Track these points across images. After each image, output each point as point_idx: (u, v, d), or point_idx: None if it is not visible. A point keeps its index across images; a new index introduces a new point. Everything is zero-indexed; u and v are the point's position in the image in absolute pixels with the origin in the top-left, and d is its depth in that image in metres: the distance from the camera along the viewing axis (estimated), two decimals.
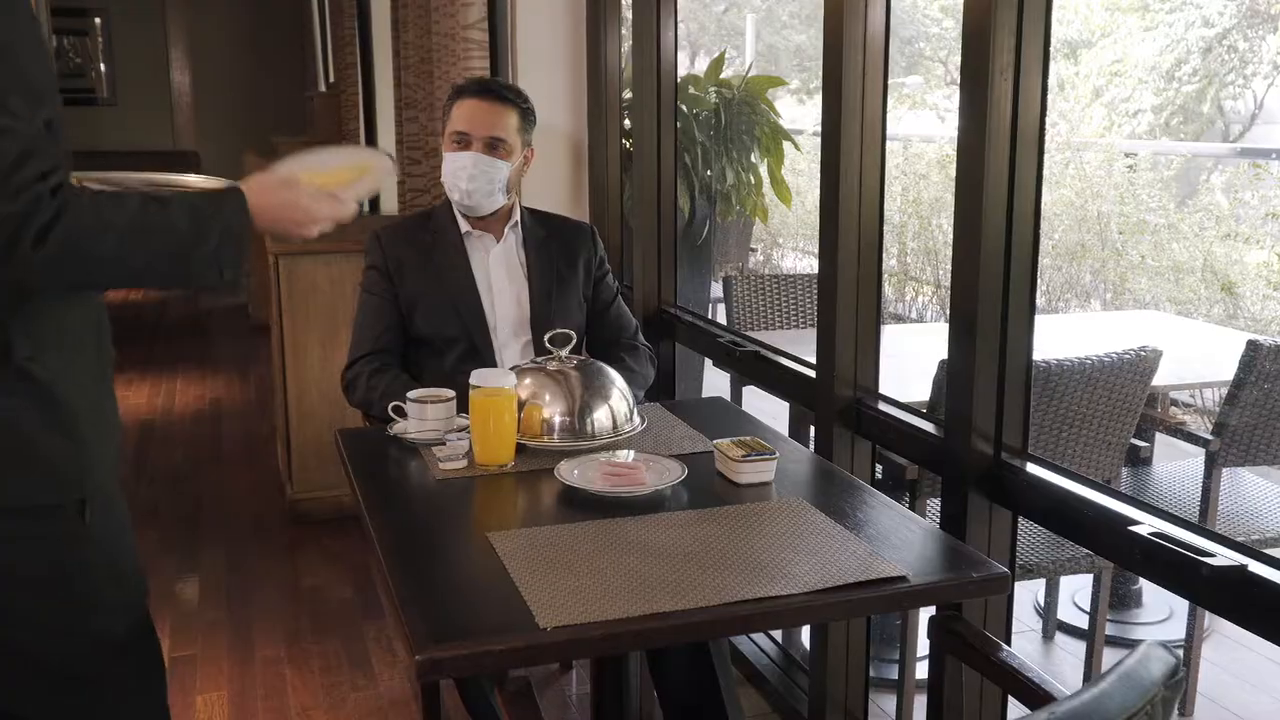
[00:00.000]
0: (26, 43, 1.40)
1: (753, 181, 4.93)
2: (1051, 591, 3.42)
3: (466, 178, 2.52)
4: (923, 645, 2.28)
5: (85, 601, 1.52)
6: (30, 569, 1.48)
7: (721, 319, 4.28)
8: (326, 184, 1.65)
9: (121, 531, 1.59)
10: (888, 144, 2.39)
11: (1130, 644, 1.41)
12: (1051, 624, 3.42)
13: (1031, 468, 2.00)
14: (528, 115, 2.59)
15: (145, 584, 1.64)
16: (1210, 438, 3.03)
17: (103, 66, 10.34)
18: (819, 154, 2.42)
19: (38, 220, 1.33)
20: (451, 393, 2.18)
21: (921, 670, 2.69)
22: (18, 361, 1.45)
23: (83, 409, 1.51)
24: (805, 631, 3.06)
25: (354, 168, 1.73)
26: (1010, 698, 2.07)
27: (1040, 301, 7.74)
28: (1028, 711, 1.71)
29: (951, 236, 2.03)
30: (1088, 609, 3.13)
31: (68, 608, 1.51)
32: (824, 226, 2.42)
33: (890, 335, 4.29)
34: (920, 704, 2.68)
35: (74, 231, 1.36)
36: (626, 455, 2.02)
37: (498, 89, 2.57)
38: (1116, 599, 3.44)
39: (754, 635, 3.08)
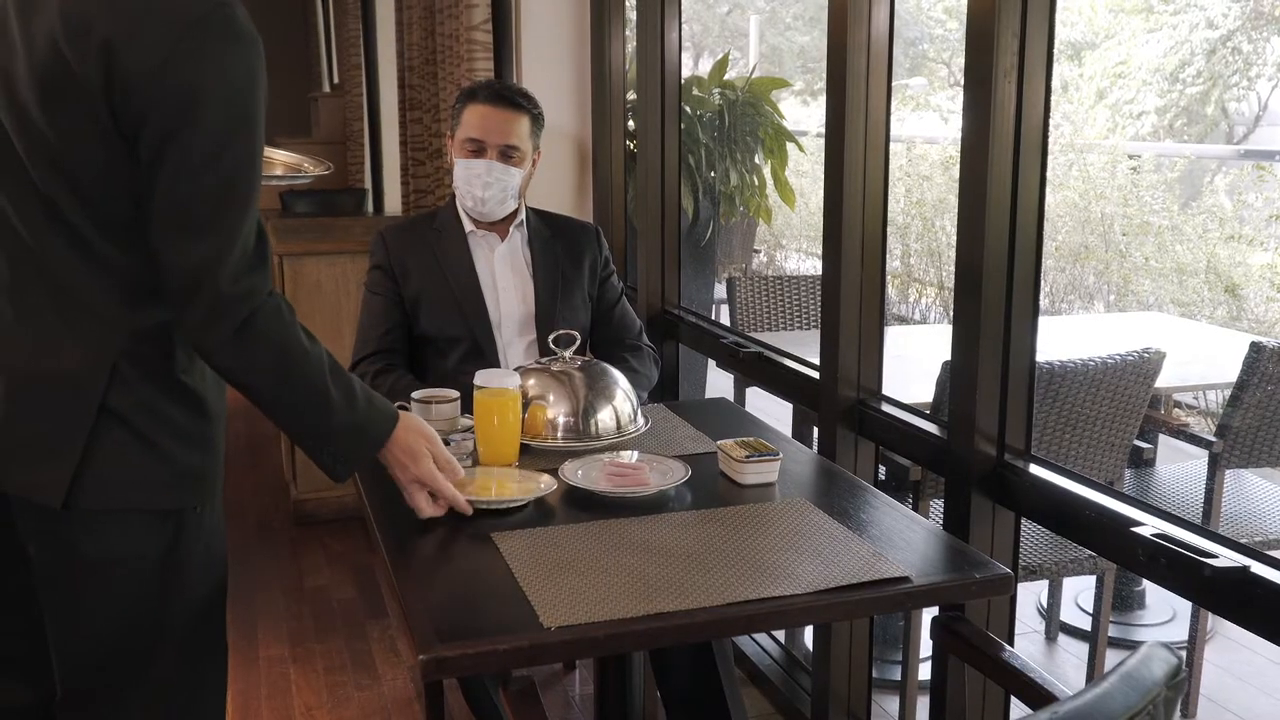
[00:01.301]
0: (264, 95, 1.48)
1: (756, 183, 4.93)
2: (1054, 593, 3.42)
3: (481, 185, 2.52)
4: (925, 646, 2.29)
5: (179, 583, 1.58)
6: (140, 556, 1.53)
7: (725, 320, 4.28)
8: (471, 486, 1.81)
9: (220, 521, 1.65)
10: (892, 145, 2.40)
11: (1133, 645, 1.41)
12: (1054, 625, 3.42)
13: (1034, 469, 2.01)
14: (538, 120, 2.59)
15: (226, 566, 1.71)
16: (1213, 439, 3.04)
17: None
18: (823, 155, 2.42)
19: (244, 311, 1.45)
20: (456, 393, 2.19)
21: (924, 671, 2.69)
22: (178, 373, 1.52)
23: (218, 417, 1.59)
24: (808, 632, 3.06)
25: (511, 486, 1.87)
26: (1013, 699, 2.08)
27: (1044, 303, 7.72)
28: (1030, 712, 1.71)
29: (955, 238, 2.04)
30: (1091, 610, 3.13)
31: (163, 588, 1.56)
32: (828, 227, 2.43)
33: (894, 336, 4.30)
34: (923, 705, 2.68)
35: (265, 342, 1.48)
36: (630, 456, 2.03)
37: (511, 95, 2.57)
38: (1119, 600, 3.44)
39: (757, 635, 3.08)
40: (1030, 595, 3.58)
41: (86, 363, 1.46)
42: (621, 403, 2.17)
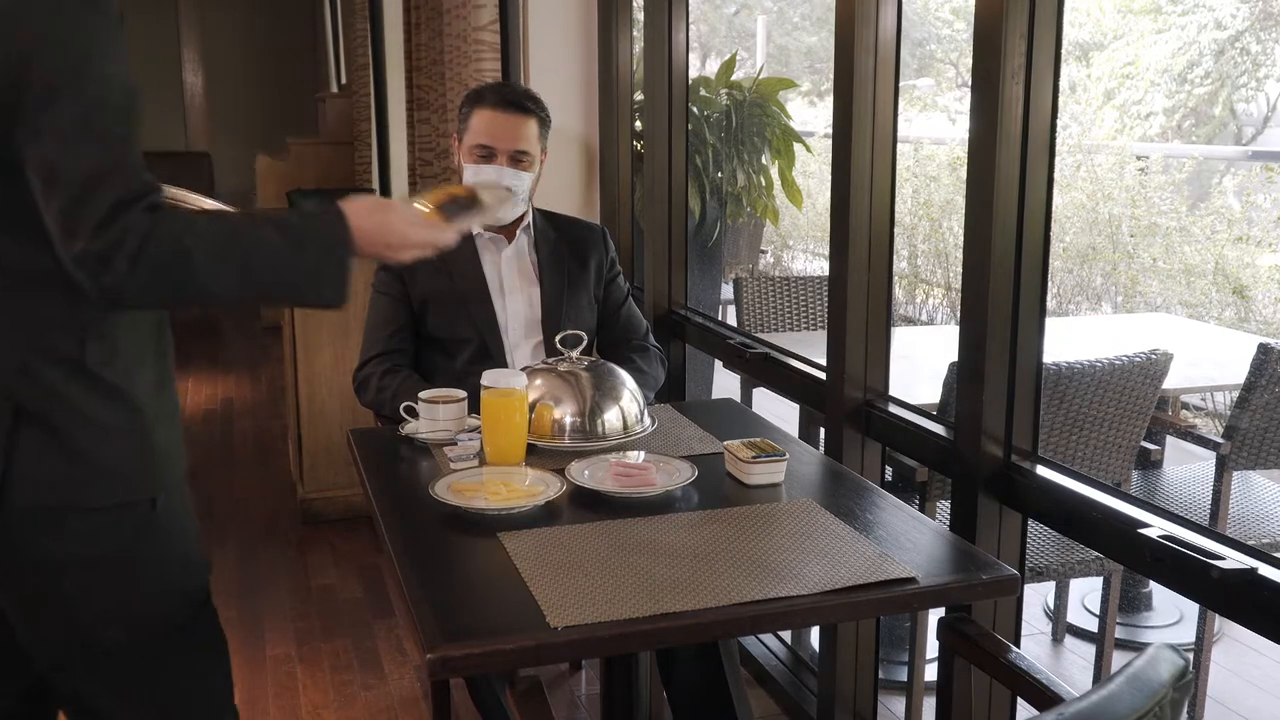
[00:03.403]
0: (114, 46, 1.41)
1: (763, 183, 4.92)
2: (1061, 594, 3.42)
3: None
4: (932, 647, 2.29)
5: (153, 588, 1.56)
6: (103, 560, 1.51)
7: (732, 320, 4.28)
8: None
9: (188, 521, 1.62)
10: (899, 146, 2.40)
11: (1140, 647, 1.41)
12: (1061, 627, 3.42)
13: (1041, 470, 2.01)
14: (545, 122, 2.59)
15: (208, 567, 1.68)
16: (1221, 441, 3.03)
17: None
18: (830, 156, 2.42)
19: (127, 249, 1.34)
20: (463, 393, 2.19)
21: (931, 672, 2.69)
22: (91, 366, 1.47)
23: (150, 409, 1.53)
24: (814, 632, 3.06)
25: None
26: (1019, 700, 2.08)
27: (1051, 304, 7.75)
28: (1037, 713, 1.71)
29: (962, 239, 2.04)
30: (1097, 612, 3.12)
31: (136, 594, 1.54)
32: (834, 228, 2.43)
33: (901, 337, 4.30)
34: (929, 706, 2.68)
35: (164, 255, 1.37)
36: (637, 456, 2.03)
37: (519, 100, 2.56)
38: (1126, 602, 3.44)
39: (763, 636, 3.08)
40: (1037, 597, 3.58)
41: None
42: (628, 403, 2.17)
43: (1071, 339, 4.04)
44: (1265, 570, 1.57)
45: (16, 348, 1.44)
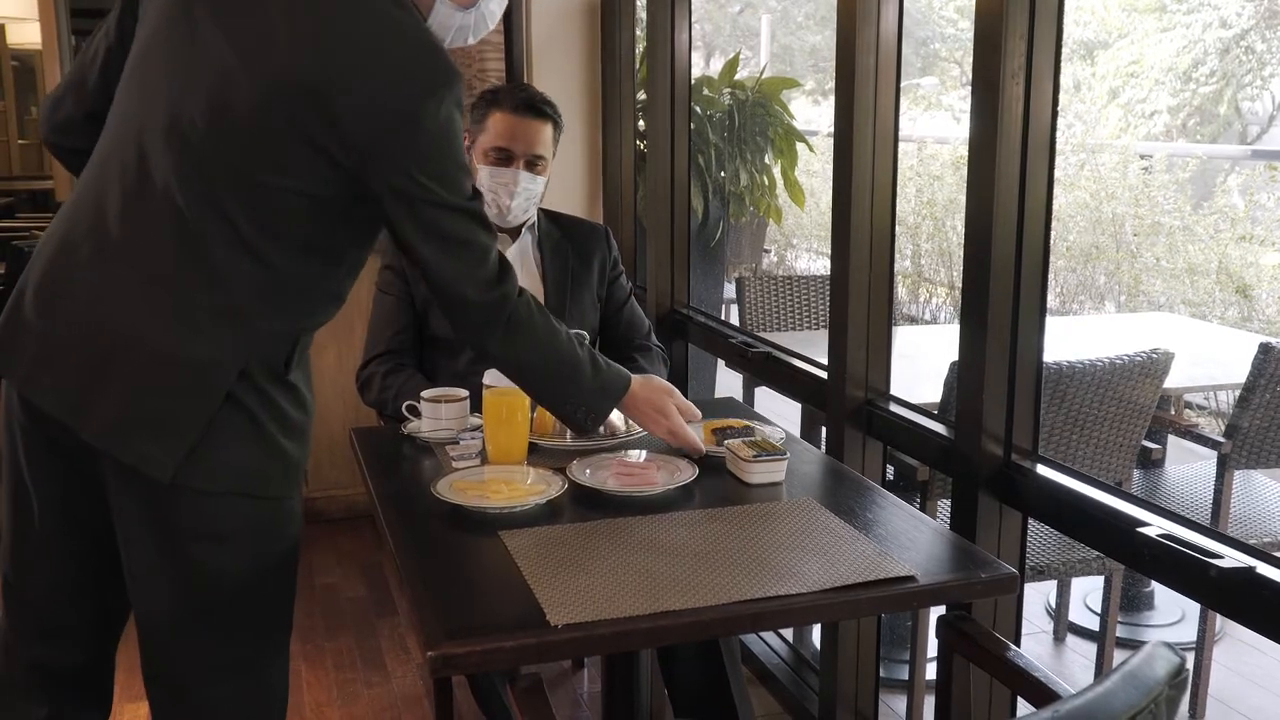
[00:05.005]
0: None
1: (766, 183, 4.93)
2: (1062, 593, 3.42)
3: (509, 194, 2.53)
4: (933, 646, 2.29)
5: (263, 562, 1.70)
6: (231, 534, 1.64)
7: (734, 320, 4.29)
8: (480, 488, 1.88)
9: (301, 504, 1.78)
10: (903, 145, 2.40)
11: (1141, 646, 1.40)
12: (1062, 626, 3.42)
13: (1041, 469, 2.01)
14: (559, 126, 2.60)
15: (299, 546, 1.83)
16: (1222, 440, 3.03)
17: None
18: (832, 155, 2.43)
19: (505, 314, 1.73)
20: (465, 392, 2.20)
21: (932, 671, 2.70)
22: (290, 375, 1.65)
23: (313, 411, 1.71)
24: (816, 631, 3.07)
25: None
26: (1019, 698, 2.08)
27: (1054, 303, 7.74)
28: (1033, 710, 1.71)
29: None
30: (1099, 611, 3.13)
31: (247, 566, 1.67)
32: (836, 227, 2.43)
33: (904, 336, 4.30)
34: (930, 704, 2.69)
35: (528, 334, 1.77)
36: (638, 455, 2.03)
37: (538, 105, 2.56)
38: (1127, 601, 3.44)
39: (765, 634, 3.09)
40: (1039, 596, 3.58)
41: (223, 356, 1.55)
42: None
43: (1075, 338, 4.05)
44: (1263, 569, 1.58)
45: (242, 354, 1.57)
